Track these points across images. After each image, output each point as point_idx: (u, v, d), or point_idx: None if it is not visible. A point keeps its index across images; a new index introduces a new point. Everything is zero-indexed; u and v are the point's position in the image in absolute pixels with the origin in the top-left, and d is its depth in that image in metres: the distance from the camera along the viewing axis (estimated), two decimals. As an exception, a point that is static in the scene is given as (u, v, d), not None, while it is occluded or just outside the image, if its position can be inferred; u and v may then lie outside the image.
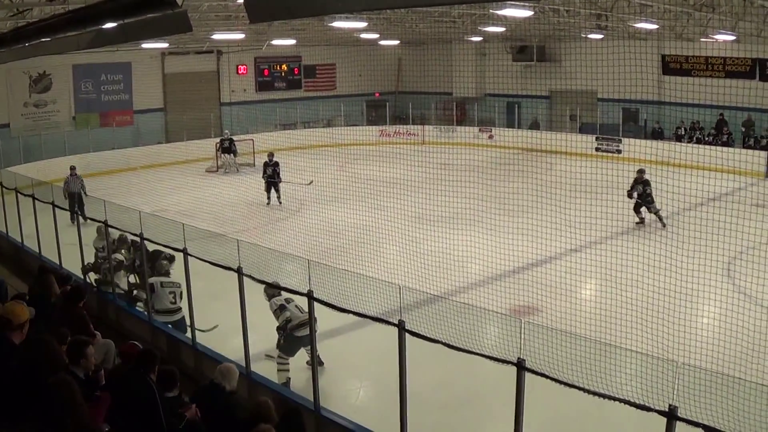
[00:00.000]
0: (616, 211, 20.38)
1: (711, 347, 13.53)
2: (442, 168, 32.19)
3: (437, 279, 17.80)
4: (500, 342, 8.60)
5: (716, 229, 18.36)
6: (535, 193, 23.38)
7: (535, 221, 21.41)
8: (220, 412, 8.94)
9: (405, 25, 35.82)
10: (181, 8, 9.05)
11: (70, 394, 6.49)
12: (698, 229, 18.07)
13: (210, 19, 29.68)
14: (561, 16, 29.80)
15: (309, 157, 35.24)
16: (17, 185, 21.34)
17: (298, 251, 17.32)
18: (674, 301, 15.26)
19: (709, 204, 23.07)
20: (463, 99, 49.24)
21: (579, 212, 21.19)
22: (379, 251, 21.27)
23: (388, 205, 23.97)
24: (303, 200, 29.24)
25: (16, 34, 14.89)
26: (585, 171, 25.51)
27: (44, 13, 19.58)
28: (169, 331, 14.61)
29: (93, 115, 43.33)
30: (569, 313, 15.47)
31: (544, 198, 23.00)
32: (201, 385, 10.19)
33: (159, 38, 31.63)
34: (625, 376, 8.29)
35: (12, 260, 21.45)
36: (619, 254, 18.90)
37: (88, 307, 12.90)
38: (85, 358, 8.27)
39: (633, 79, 30.63)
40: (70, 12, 11.94)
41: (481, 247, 19.91)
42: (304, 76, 52.06)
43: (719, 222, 18.49)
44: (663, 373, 7.37)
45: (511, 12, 25.67)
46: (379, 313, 10.00)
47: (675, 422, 6.93)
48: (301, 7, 10.68)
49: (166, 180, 35.26)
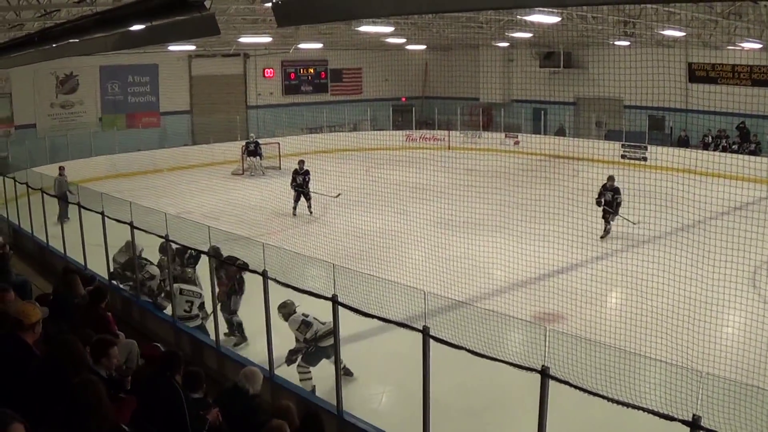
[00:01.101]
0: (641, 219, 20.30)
1: (735, 357, 13.46)
2: (467, 173, 32.16)
3: (461, 285, 17.76)
4: (524, 349, 8.59)
5: (741, 239, 18.26)
6: (560, 200, 23.31)
7: (560, 228, 21.34)
8: (243, 415, 8.96)
9: (432, 29, 35.79)
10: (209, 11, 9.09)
11: (96, 395, 6.50)
12: (723, 239, 17.98)
13: (237, 22, 29.76)
14: (588, 22, 29.73)
15: (335, 161, 35.18)
16: (43, 185, 21.42)
17: (323, 255, 17.29)
18: (699, 311, 15.15)
19: (734, 213, 22.94)
20: (490, 105, 49.09)
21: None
22: (403, 256, 21.23)
23: (414, 210, 23.92)
24: (327, 204, 29.22)
25: (43, 35, 14.95)
26: (611, 178, 25.46)
27: (72, 15, 19.65)
28: (193, 333, 14.64)
29: (119, 116, 43.48)
30: (593, 321, 15.38)
31: (570, 205, 22.91)
32: (224, 387, 10.20)
33: (186, 41, 31.70)
34: (648, 385, 8.26)
35: (37, 260, 21.54)
36: (644, 262, 18.85)
37: (112, 308, 12.95)
38: (107, 357, 8.29)
39: (659, 87, 30.47)
40: (98, 13, 12.00)
41: (505, 254, 19.86)
42: (330, 79, 52.07)
43: (744, 231, 18.39)
44: (687, 382, 7.34)
45: (539, 18, 25.64)
46: (403, 318, 10.00)
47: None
48: (328, 12, 10.71)
49: (191, 182, 35.35)
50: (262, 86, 49.23)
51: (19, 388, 7.11)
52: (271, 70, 49.35)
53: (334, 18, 16.96)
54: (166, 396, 8.17)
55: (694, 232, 19.33)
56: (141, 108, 44.37)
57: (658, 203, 21.65)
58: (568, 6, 22.62)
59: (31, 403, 6.84)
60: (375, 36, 37.57)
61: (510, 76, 48.95)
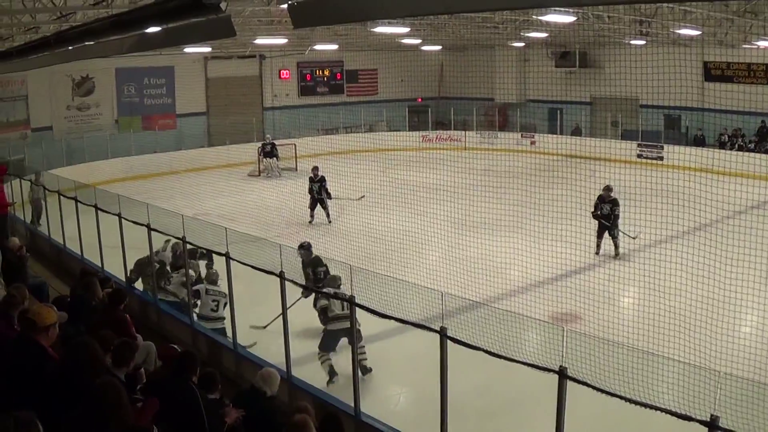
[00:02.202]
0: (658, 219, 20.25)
1: (753, 357, 13.42)
2: (483, 174, 32.14)
3: (478, 285, 17.76)
4: (541, 349, 8.59)
5: (759, 238, 18.23)
6: (577, 200, 23.26)
7: (577, 228, 21.31)
8: (260, 417, 8.96)
9: (447, 30, 35.78)
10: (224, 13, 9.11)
11: (116, 396, 6.52)
12: (740, 238, 17.95)
13: (253, 24, 29.77)
14: (603, 22, 29.67)
15: (351, 162, 35.22)
16: (60, 188, 21.50)
17: (340, 256, 17.32)
18: (716, 310, 15.12)
19: (751, 212, 22.89)
20: (505, 105, 48.98)
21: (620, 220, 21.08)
22: (420, 257, 21.25)
23: (430, 211, 23.91)
24: (344, 206, 29.23)
25: (59, 37, 14.98)
26: (627, 178, 25.42)
27: (87, 17, 19.70)
28: (210, 335, 14.67)
29: (135, 118, 43.69)
30: (610, 321, 15.36)
31: (586, 205, 22.86)
32: (241, 389, 10.21)
33: (202, 42, 31.77)
34: (666, 385, 8.26)
35: (54, 262, 21.61)
36: (661, 262, 18.82)
37: (130, 310, 12.99)
38: (127, 365, 8.34)
39: (675, 86, 30.40)
40: (114, 16, 12.03)
41: (522, 254, 19.88)
42: (346, 80, 52.16)
43: (761, 230, 18.36)
44: (705, 382, 7.33)
45: (554, 18, 25.61)
46: (420, 319, 10.01)
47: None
48: (344, 13, 10.73)
49: (208, 184, 35.43)
50: (278, 87, 49.35)
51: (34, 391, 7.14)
52: (286, 72, 49.44)
53: (349, 19, 16.98)
54: (184, 397, 8.19)
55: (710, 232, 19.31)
56: (157, 110, 44.61)
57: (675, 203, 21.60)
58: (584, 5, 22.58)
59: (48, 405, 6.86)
60: (390, 37, 37.56)
61: (525, 76, 48.95)
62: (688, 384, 7.76)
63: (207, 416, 8.09)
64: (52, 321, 8.20)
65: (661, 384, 8.29)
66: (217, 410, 8.40)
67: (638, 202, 22.46)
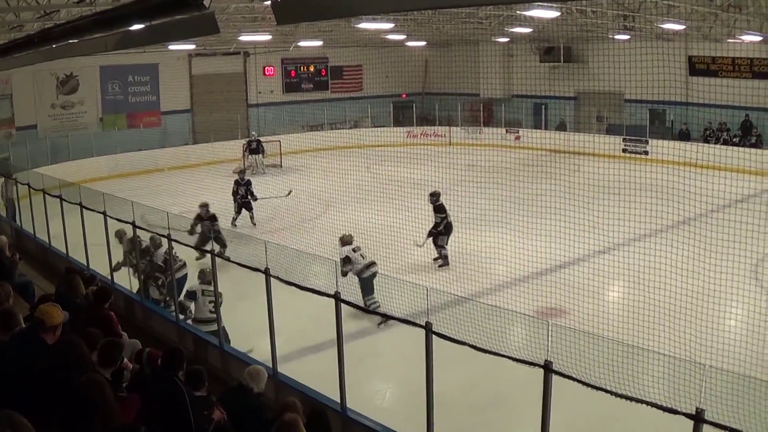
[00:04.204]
0: (642, 213, 20.30)
1: (738, 350, 13.45)
2: (468, 169, 32.18)
3: (463, 280, 17.78)
4: (527, 344, 8.60)
5: (744, 231, 18.28)
6: (561, 195, 23.31)
7: (562, 223, 21.38)
8: (248, 414, 8.96)
9: (432, 26, 35.82)
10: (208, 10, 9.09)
11: (101, 394, 6.51)
12: (726, 231, 18.00)
13: (237, 21, 29.78)
14: (588, 16, 29.73)
15: (335, 158, 35.16)
16: (45, 186, 21.43)
17: (325, 252, 17.30)
18: (701, 304, 15.16)
19: (736, 206, 22.94)
20: (490, 100, 49.09)
21: (605, 214, 21.13)
22: (405, 253, 21.24)
23: (415, 207, 23.92)
24: (330, 202, 29.20)
25: (43, 36, 14.93)
26: (612, 172, 25.45)
27: (71, 15, 19.65)
28: (196, 332, 14.62)
29: (120, 116, 43.68)
30: (596, 315, 15.41)
31: (571, 199, 22.90)
32: (229, 386, 10.20)
33: (186, 40, 31.70)
34: (652, 379, 8.28)
35: (39, 261, 21.54)
36: (646, 256, 18.87)
37: (115, 308, 12.95)
38: (114, 365, 8.32)
39: (660, 80, 30.46)
40: (97, 13, 11.97)
41: (507, 249, 19.92)
42: (330, 77, 52.15)
43: (746, 224, 18.41)
44: (690, 375, 7.35)
45: (538, 13, 25.59)
46: (406, 314, 10.03)
47: (702, 425, 6.91)
48: (329, 9, 10.69)
49: (193, 181, 35.33)
50: (263, 84, 49.35)
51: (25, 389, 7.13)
52: (271, 68, 49.46)
53: (333, 15, 16.95)
54: (169, 394, 8.17)
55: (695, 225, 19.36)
56: (142, 107, 44.54)
57: (660, 197, 21.64)
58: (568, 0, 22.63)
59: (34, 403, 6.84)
60: (375, 33, 37.63)
61: (510, 71, 48.93)
62: (674, 377, 7.78)
63: (193, 413, 8.07)
64: (60, 321, 8.24)
65: (646, 377, 8.30)
66: (203, 407, 8.38)
67: (623, 196, 22.52)
